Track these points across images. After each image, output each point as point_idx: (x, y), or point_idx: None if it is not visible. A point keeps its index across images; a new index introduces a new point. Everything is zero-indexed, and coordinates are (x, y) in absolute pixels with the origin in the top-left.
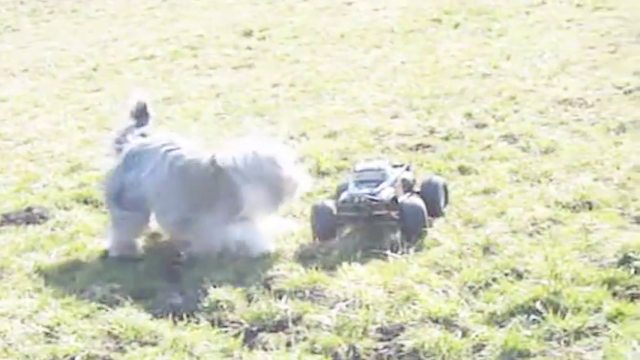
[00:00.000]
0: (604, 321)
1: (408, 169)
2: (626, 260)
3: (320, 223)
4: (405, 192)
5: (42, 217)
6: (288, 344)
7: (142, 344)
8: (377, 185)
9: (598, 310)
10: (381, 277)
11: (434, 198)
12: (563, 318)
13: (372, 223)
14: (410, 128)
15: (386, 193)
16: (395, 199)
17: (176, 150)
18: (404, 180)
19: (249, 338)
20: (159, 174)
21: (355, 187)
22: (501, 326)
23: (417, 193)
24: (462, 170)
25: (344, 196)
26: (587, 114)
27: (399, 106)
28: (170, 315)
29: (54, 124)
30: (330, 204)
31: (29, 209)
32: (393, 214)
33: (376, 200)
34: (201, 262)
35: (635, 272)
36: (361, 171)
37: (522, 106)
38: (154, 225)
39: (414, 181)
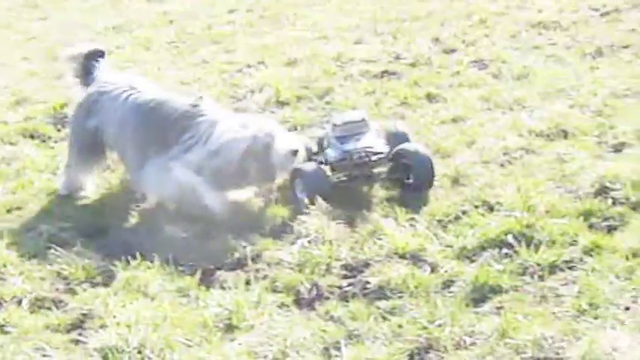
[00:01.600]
0: (579, 254)
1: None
2: (602, 191)
3: (313, 189)
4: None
5: None
6: (248, 282)
7: (94, 285)
8: (360, 138)
9: (573, 243)
10: (344, 211)
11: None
12: (536, 252)
13: (370, 182)
14: (374, 54)
15: (380, 145)
16: (399, 151)
17: (138, 93)
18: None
19: (206, 277)
20: (120, 117)
21: (340, 143)
22: (472, 261)
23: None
24: (430, 98)
25: (334, 153)
26: (562, 38)
27: (363, 31)
28: (122, 254)
29: None
30: (320, 166)
31: None
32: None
33: (378, 153)
34: (155, 200)
35: (613, 203)
36: (345, 124)
37: (493, 30)
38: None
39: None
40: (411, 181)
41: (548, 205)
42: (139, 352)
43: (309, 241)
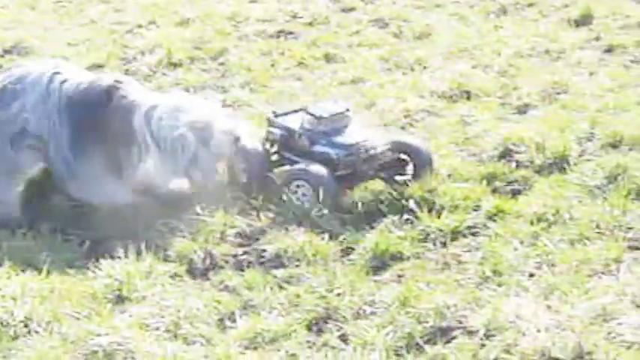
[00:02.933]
0: (483, 220)
1: None
2: (506, 153)
3: (325, 191)
4: None
5: None
6: (139, 252)
7: None
8: (349, 131)
9: (477, 209)
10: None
11: None
12: (438, 217)
13: (375, 177)
14: (270, 13)
15: (377, 136)
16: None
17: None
18: None
19: (96, 247)
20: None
21: (331, 137)
22: (372, 227)
23: None
24: (328, 58)
25: (333, 150)
26: None
27: None
28: (7, 224)
29: None
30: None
31: None
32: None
33: (382, 146)
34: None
35: (517, 166)
36: (331, 116)
37: None
38: None
39: None
40: (409, 175)
41: (451, 168)
42: (26, 326)
43: (202, 208)
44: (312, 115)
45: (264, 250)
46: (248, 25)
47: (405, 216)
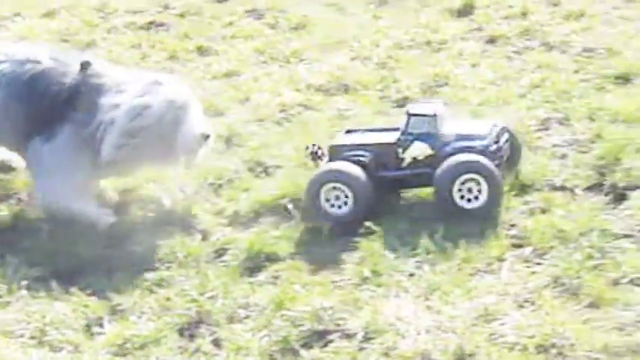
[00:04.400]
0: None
1: None
2: None
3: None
4: None
5: None
6: (2, 255)
7: None
8: (459, 125)
9: None
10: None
11: None
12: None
13: None
14: (140, 4)
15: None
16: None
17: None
18: None
19: None
20: None
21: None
22: (246, 227)
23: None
24: (201, 51)
25: (480, 143)
26: None
27: None
28: None
29: None
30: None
31: None
32: None
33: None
34: None
35: None
36: (442, 113)
37: None
38: None
39: None
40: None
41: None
42: None
43: None
44: (426, 114)
45: (130, 252)
46: (117, 16)
47: (281, 215)
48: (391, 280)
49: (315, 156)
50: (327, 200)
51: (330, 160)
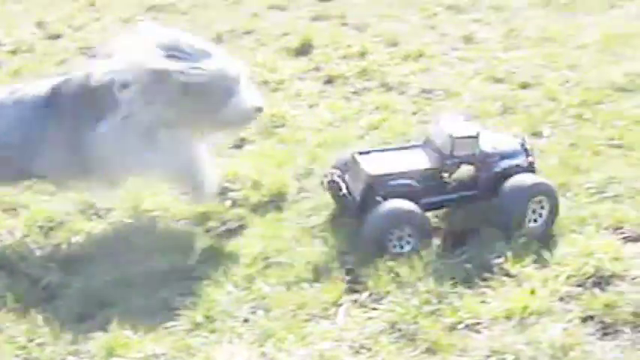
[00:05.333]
0: (194, 262)
1: None
2: (221, 191)
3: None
4: None
5: None
6: None
7: None
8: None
9: (187, 250)
10: None
11: None
12: (148, 260)
13: None
14: None
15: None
16: None
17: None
18: None
19: None
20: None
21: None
22: (79, 272)
23: None
24: None
25: (521, 159)
26: (181, 22)
27: None
28: None
29: None
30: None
31: None
32: None
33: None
34: None
35: (232, 205)
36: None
37: (104, 14)
38: None
39: None
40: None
41: (161, 207)
42: None
43: None
44: (469, 135)
45: None
46: None
47: (113, 259)
48: (225, 325)
49: (337, 186)
50: (390, 241)
51: (371, 191)
